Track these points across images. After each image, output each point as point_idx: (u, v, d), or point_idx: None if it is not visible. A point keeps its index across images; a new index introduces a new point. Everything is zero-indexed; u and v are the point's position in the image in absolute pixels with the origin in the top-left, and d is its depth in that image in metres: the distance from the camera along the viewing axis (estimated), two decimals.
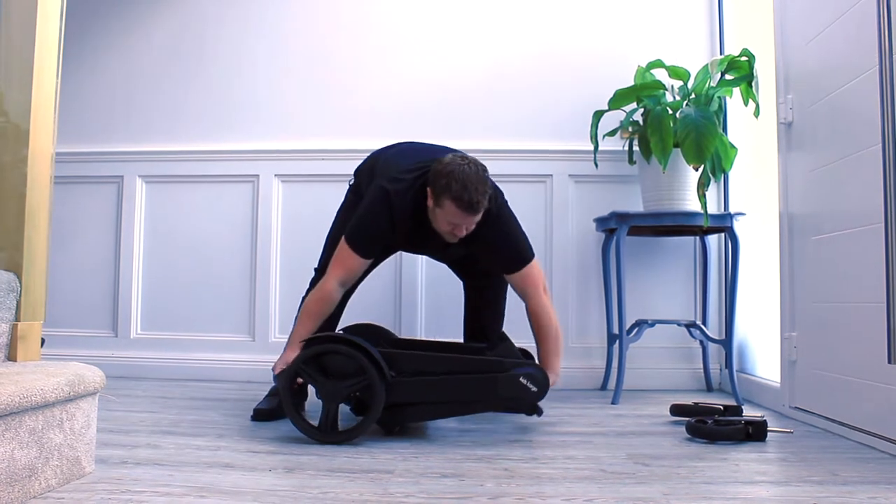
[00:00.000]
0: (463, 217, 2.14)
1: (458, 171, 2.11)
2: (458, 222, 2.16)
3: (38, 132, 1.73)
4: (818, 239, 2.31)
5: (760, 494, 1.50)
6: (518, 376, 2.09)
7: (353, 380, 1.98)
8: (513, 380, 2.09)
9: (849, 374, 2.13)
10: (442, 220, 2.19)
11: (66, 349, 3.30)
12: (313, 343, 2.02)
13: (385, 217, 2.21)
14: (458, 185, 2.09)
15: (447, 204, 2.12)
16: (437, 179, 2.14)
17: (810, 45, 2.37)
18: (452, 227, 2.18)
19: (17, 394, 1.28)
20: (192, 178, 3.46)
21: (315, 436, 1.97)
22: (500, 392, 2.08)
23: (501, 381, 2.08)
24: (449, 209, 2.13)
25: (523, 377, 2.09)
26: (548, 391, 2.13)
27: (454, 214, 2.14)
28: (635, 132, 2.97)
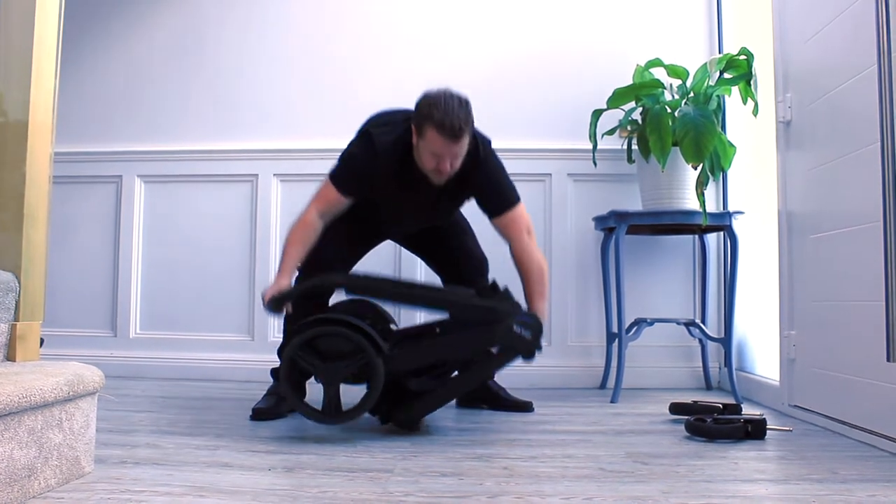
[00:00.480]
0: (445, 145, 2.12)
1: (439, 99, 2.12)
2: (440, 152, 2.14)
3: (36, 132, 1.73)
4: (817, 237, 2.31)
5: (760, 492, 1.50)
6: (511, 326, 2.06)
7: (349, 359, 1.98)
8: (508, 330, 2.06)
9: (848, 373, 2.13)
10: (426, 154, 2.17)
11: (65, 349, 3.30)
12: (305, 328, 2.01)
13: (367, 155, 2.25)
14: (440, 112, 2.09)
15: (429, 132, 2.11)
16: (419, 111, 2.15)
17: (809, 44, 2.37)
18: (437, 160, 2.16)
19: (17, 394, 1.28)
20: (191, 178, 3.46)
21: (320, 418, 1.99)
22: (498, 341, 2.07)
23: (497, 331, 2.06)
24: (431, 137, 2.12)
25: (517, 325, 2.06)
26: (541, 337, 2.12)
27: (436, 142, 2.12)
28: (634, 131, 2.97)
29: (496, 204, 2.33)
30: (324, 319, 2.03)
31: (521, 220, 2.33)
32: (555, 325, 3.24)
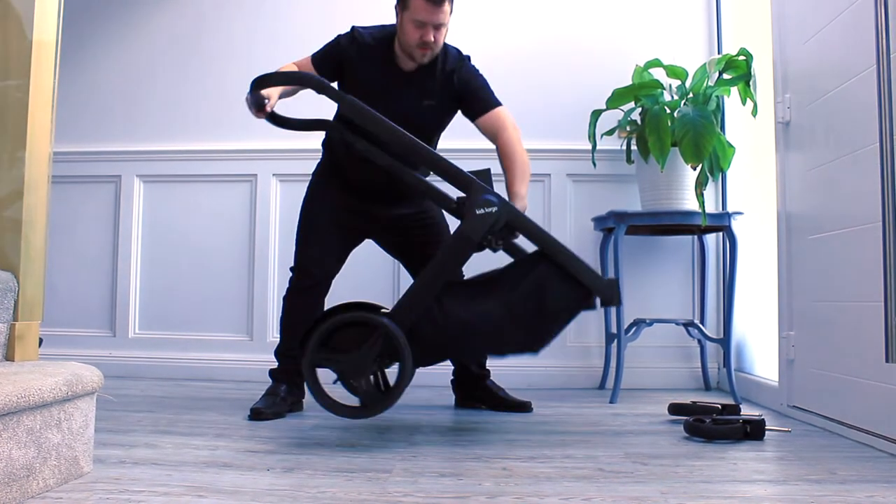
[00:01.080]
0: (428, 10, 2.21)
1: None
2: (425, 19, 2.22)
3: (35, 131, 1.73)
4: (816, 238, 2.31)
5: (758, 493, 1.50)
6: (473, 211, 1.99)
7: (370, 341, 1.93)
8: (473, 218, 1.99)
9: (847, 373, 2.13)
10: (410, 28, 2.25)
11: (63, 349, 3.30)
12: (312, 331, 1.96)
13: (349, 41, 2.38)
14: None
15: (416, 2, 2.22)
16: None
17: (808, 45, 2.38)
18: (421, 31, 2.24)
19: (15, 393, 1.28)
20: (190, 178, 3.46)
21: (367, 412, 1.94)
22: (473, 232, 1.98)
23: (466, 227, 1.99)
24: (416, 5, 2.22)
25: (478, 208, 1.98)
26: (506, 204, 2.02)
27: (420, 9, 2.22)
28: (633, 131, 2.97)
29: (482, 103, 2.39)
30: (328, 314, 1.99)
31: (508, 118, 2.39)
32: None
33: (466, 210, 2.00)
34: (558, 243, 2.02)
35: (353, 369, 1.93)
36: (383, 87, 2.36)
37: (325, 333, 1.96)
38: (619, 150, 3.15)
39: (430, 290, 1.99)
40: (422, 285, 1.99)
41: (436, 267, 2.00)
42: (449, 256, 2.01)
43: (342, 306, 2.01)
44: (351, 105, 2.09)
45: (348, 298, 2.24)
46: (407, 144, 2.07)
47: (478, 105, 2.39)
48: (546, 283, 2.00)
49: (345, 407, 1.95)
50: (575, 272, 2.00)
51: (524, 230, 2.04)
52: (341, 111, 2.30)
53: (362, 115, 2.08)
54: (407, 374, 1.93)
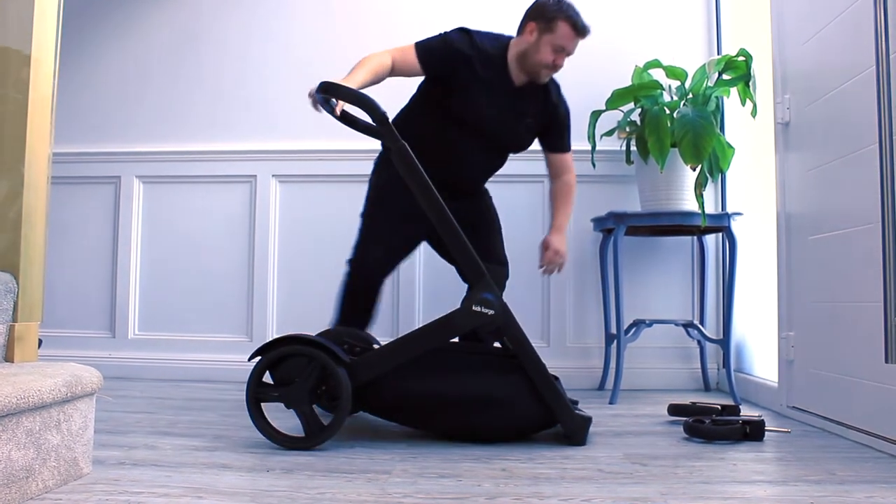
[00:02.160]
0: (573, 39, 2.36)
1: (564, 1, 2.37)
2: (566, 45, 2.36)
3: (35, 132, 1.73)
4: (815, 238, 2.31)
5: (758, 494, 1.50)
6: (470, 306, 1.98)
7: (307, 372, 1.90)
8: (466, 312, 1.98)
9: (846, 374, 2.13)
10: (546, 49, 2.35)
11: (63, 350, 3.30)
12: (258, 361, 1.93)
13: (463, 42, 2.38)
14: (572, 10, 2.36)
15: (560, 26, 2.34)
16: (546, 8, 2.36)
17: (807, 45, 2.38)
18: (555, 55, 2.36)
19: (14, 395, 1.28)
20: (190, 179, 3.46)
21: (305, 444, 1.88)
22: (461, 325, 1.99)
23: (457, 316, 1.99)
24: (562, 31, 2.34)
25: (475, 304, 1.98)
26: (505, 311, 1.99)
27: (565, 36, 2.34)
28: (633, 132, 2.97)
29: (564, 143, 2.60)
30: (271, 345, 1.95)
31: (573, 162, 2.64)
32: (553, 326, 3.25)
33: (466, 300, 2.00)
34: (542, 365, 2.00)
35: (294, 400, 1.89)
36: (492, 96, 2.41)
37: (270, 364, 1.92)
38: (618, 151, 3.15)
39: (400, 356, 1.98)
40: (394, 349, 1.99)
41: (413, 340, 1.99)
42: (429, 335, 2.00)
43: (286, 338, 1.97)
44: (400, 153, 2.01)
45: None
46: (439, 213, 2.01)
47: (560, 143, 2.59)
48: (518, 396, 2.00)
49: (287, 438, 1.90)
50: (549, 400, 1.98)
51: (513, 341, 2.02)
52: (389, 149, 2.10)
53: (410, 168, 2.00)
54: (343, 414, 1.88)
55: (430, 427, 2.09)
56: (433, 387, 2.00)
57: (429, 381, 2.01)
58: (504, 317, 1.99)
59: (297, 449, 1.87)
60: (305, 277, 3.36)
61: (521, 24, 2.45)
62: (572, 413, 1.99)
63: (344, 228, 3.33)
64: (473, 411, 2.00)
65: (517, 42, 2.44)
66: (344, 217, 3.35)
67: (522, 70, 2.43)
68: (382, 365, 1.96)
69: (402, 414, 2.08)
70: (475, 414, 2.00)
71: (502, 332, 2.03)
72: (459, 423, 2.02)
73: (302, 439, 1.89)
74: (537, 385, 1.98)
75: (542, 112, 2.50)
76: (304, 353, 1.91)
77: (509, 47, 2.45)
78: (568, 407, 1.99)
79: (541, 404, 1.99)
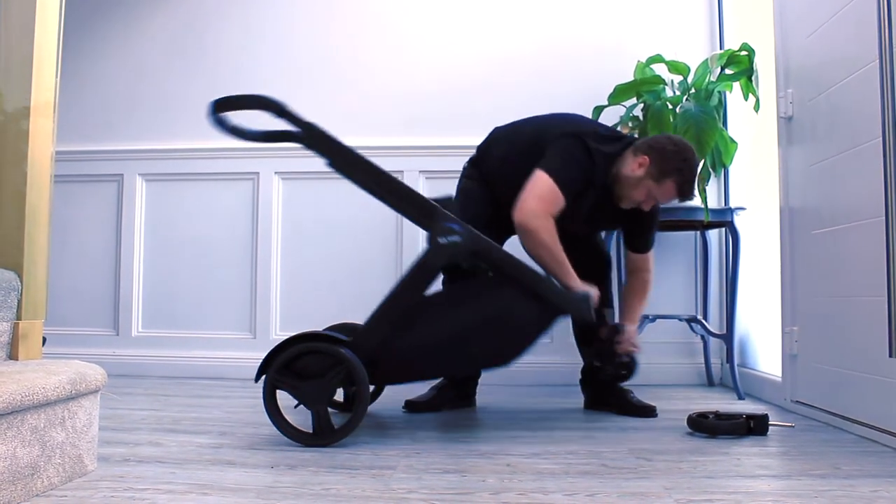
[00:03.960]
0: (672, 200, 2.29)
1: (692, 159, 2.26)
2: (662, 201, 2.30)
3: (37, 131, 1.73)
4: (819, 233, 2.31)
5: (762, 488, 1.50)
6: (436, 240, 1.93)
7: (330, 374, 1.89)
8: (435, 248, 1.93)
9: (850, 368, 2.13)
10: (643, 192, 2.26)
11: (67, 348, 3.30)
12: (280, 351, 1.91)
13: (587, 164, 2.26)
14: (688, 173, 2.24)
15: (669, 185, 2.23)
16: (668, 159, 2.22)
17: (810, 40, 2.37)
18: (648, 200, 2.28)
19: (19, 392, 1.28)
20: (193, 176, 3.46)
21: (314, 441, 1.87)
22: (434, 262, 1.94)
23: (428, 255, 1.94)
24: (668, 189, 2.24)
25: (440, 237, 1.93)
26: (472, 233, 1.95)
27: (668, 195, 2.26)
28: (635, 127, 2.97)
29: (648, 243, 2.50)
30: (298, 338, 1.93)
31: (653, 260, 2.53)
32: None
33: (430, 238, 1.96)
34: (526, 266, 2.00)
35: (311, 398, 1.88)
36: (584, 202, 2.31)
37: (290, 358, 1.90)
38: None
39: (390, 316, 1.96)
40: (383, 313, 1.96)
41: (397, 295, 1.97)
42: (409, 285, 1.97)
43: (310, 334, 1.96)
44: (309, 129, 2.01)
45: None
46: (370, 171, 1.99)
47: (644, 242, 2.50)
48: (514, 305, 2.00)
49: (299, 433, 1.89)
50: (544, 293, 1.99)
51: (490, 259, 2.00)
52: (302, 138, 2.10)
53: (321, 140, 2.01)
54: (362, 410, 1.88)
55: (447, 372, 2.12)
56: (434, 332, 2.00)
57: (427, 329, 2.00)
58: (473, 238, 1.96)
59: (309, 444, 1.87)
60: (308, 274, 3.36)
61: (637, 148, 2.28)
62: (569, 295, 2.03)
63: (346, 224, 3.35)
64: (479, 337, 2.00)
65: (623, 161, 2.29)
66: (346, 213, 3.36)
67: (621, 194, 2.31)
68: (380, 329, 1.95)
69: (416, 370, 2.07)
70: (485, 339, 2.00)
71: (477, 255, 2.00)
72: (476, 354, 2.03)
73: (313, 436, 1.88)
74: (528, 283, 1.98)
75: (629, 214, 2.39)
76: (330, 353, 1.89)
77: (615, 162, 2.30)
78: (564, 292, 2.02)
79: (535, 303, 1.99)
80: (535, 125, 2.42)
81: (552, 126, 2.36)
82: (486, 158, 2.47)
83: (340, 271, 3.36)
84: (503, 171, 2.40)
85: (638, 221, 2.45)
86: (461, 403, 2.56)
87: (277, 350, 1.91)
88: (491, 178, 2.45)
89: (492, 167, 2.45)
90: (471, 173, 2.53)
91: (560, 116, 2.46)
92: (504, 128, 2.53)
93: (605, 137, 2.32)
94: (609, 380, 2.41)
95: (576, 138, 2.26)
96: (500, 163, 2.42)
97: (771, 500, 1.41)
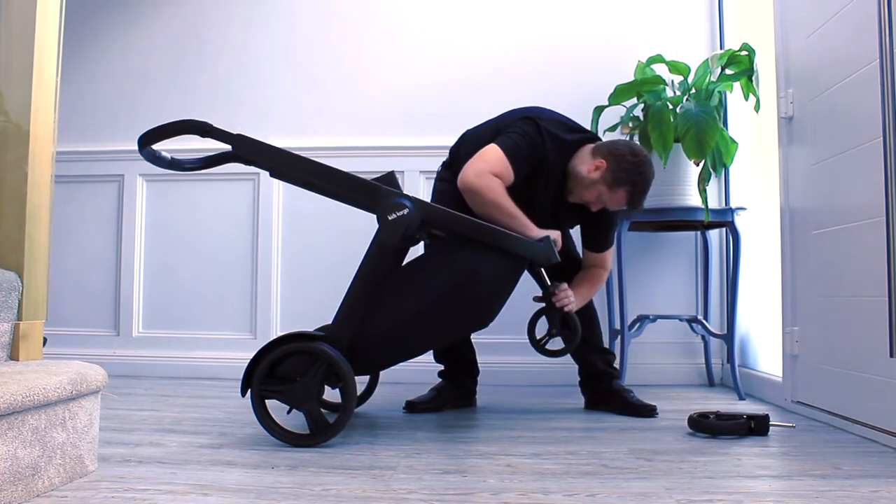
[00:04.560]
0: (621, 206, 2.28)
1: (647, 173, 2.25)
2: (611, 206, 2.29)
3: (38, 131, 1.73)
4: (819, 233, 2.31)
5: (763, 489, 1.50)
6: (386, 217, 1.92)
7: (312, 370, 1.88)
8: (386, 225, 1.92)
9: (851, 368, 2.12)
10: (593, 193, 2.26)
11: (68, 348, 3.31)
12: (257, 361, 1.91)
13: (539, 144, 2.24)
14: (641, 184, 2.24)
15: (621, 193, 2.23)
16: (624, 168, 2.22)
17: (811, 40, 2.37)
18: (598, 203, 2.29)
19: (20, 393, 1.28)
20: (193, 177, 3.46)
21: (311, 442, 1.87)
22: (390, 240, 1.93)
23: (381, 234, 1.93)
24: (618, 197, 2.24)
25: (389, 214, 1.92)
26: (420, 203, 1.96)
27: (617, 202, 2.26)
28: (636, 127, 2.97)
29: (607, 243, 2.48)
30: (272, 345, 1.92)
31: (611, 258, 2.52)
32: None
33: (379, 217, 1.95)
34: (481, 224, 1.98)
35: (300, 398, 1.88)
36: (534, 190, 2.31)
37: (269, 365, 1.90)
38: None
39: (358, 303, 1.95)
40: (350, 300, 1.96)
41: (359, 280, 1.96)
42: (369, 267, 1.96)
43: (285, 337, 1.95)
44: (241, 141, 2.02)
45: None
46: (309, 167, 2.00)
47: (602, 242, 2.47)
48: (478, 263, 1.97)
49: (294, 435, 1.89)
50: (505, 246, 1.98)
51: (443, 224, 1.98)
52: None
53: (255, 149, 2.03)
54: (351, 402, 1.88)
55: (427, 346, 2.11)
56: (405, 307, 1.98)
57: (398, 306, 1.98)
58: (422, 208, 1.95)
59: (306, 445, 1.87)
60: (309, 274, 3.36)
61: (597, 150, 2.28)
62: (530, 242, 2.00)
63: (346, 225, 3.35)
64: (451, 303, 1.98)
65: (580, 157, 2.30)
66: (346, 214, 3.36)
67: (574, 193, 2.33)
68: (352, 318, 1.94)
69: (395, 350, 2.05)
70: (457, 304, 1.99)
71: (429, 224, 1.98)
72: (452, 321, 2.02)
73: (310, 436, 1.88)
74: (486, 240, 1.97)
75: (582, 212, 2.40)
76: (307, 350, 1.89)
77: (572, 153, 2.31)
78: (525, 240, 2.00)
79: (499, 256, 1.98)
80: (497, 119, 2.44)
81: (512, 114, 2.39)
82: (456, 160, 2.46)
83: (341, 271, 3.34)
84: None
85: (597, 220, 2.44)
86: (461, 404, 2.56)
87: (255, 361, 1.91)
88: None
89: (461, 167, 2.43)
90: (444, 175, 2.53)
91: (522, 108, 2.45)
92: (472, 129, 2.53)
93: (564, 125, 2.33)
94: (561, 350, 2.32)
95: (531, 120, 2.27)
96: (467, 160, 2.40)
97: (772, 500, 1.41)
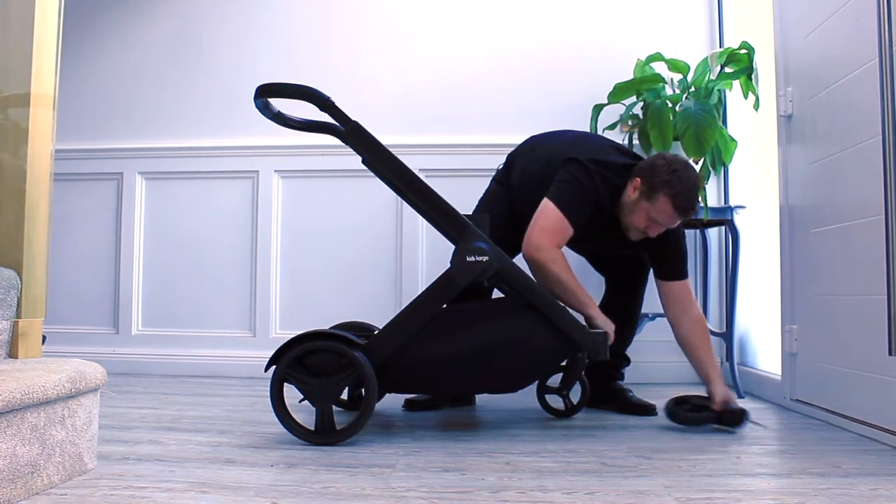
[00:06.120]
0: (671, 218, 2.12)
1: (683, 171, 2.11)
2: (662, 222, 2.14)
3: (37, 129, 1.73)
4: (818, 231, 2.31)
5: (762, 487, 1.50)
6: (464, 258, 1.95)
7: (341, 374, 1.89)
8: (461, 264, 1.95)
9: (850, 367, 2.13)
10: (642, 215, 2.15)
11: (67, 346, 3.31)
12: (294, 344, 1.91)
13: (593, 190, 2.18)
14: (680, 185, 2.09)
15: (662, 201, 2.10)
16: (657, 173, 2.12)
17: (810, 38, 2.37)
18: (650, 224, 2.15)
19: (19, 391, 1.28)
20: (192, 175, 3.46)
21: (314, 439, 1.88)
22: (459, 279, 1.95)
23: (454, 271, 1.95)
24: (661, 206, 2.10)
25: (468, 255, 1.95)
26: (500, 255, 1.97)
27: (664, 213, 2.11)
28: (635, 126, 2.97)
29: (678, 268, 2.30)
30: (315, 335, 1.93)
31: (692, 292, 2.33)
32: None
33: (457, 254, 1.97)
34: (549, 299, 2.01)
35: (318, 395, 1.89)
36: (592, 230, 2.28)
37: (303, 353, 1.90)
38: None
39: (408, 325, 1.96)
40: (401, 322, 1.97)
41: (417, 306, 1.98)
42: (431, 298, 1.98)
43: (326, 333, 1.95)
44: (355, 131, 2.04)
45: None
46: (407, 179, 2.02)
47: (676, 269, 2.30)
48: (533, 332, 2.00)
49: (302, 428, 1.90)
50: (563, 326, 1.99)
51: (515, 283, 2.00)
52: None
53: (366, 144, 2.04)
54: (368, 412, 1.89)
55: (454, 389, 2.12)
56: (452, 347, 1.99)
57: (446, 343, 1.99)
58: (499, 260, 1.97)
59: (309, 441, 1.87)
60: (308, 272, 3.36)
61: (633, 173, 2.20)
62: (588, 332, 2.01)
63: (346, 223, 3.35)
64: (493, 358, 1.99)
65: (624, 190, 2.22)
66: (346, 212, 3.36)
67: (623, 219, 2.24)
68: (396, 338, 1.95)
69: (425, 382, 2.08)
70: (501, 361, 1.99)
71: (502, 278, 2.01)
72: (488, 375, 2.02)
73: (313, 433, 1.89)
74: (549, 314, 1.98)
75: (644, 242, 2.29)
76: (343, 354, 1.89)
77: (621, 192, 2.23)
78: (583, 328, 2.01)
79: (555, 334, 1.99)
80: (551, 145, 2.38)
81: (563, 148, 2.31)
82: (511, 169, 2.47)
83: (340, 269, 3.36)
84: (522, 183, 2.40)
85: (660, 245, 2.30)
86: (461, 402, 2.56)
87: (291, 343, 1.92)
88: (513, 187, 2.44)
89: (514, 177, 2.44)
90: (500, 178, 2.51)
91: (573, 138, 2.40)
92: (530, 140, 2.50)
93: (613, 166, 2.23)
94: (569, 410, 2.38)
95: (577, 162, 2.20)
96: (520, 173, 2.42)
97: (770, 498, 1.42)
